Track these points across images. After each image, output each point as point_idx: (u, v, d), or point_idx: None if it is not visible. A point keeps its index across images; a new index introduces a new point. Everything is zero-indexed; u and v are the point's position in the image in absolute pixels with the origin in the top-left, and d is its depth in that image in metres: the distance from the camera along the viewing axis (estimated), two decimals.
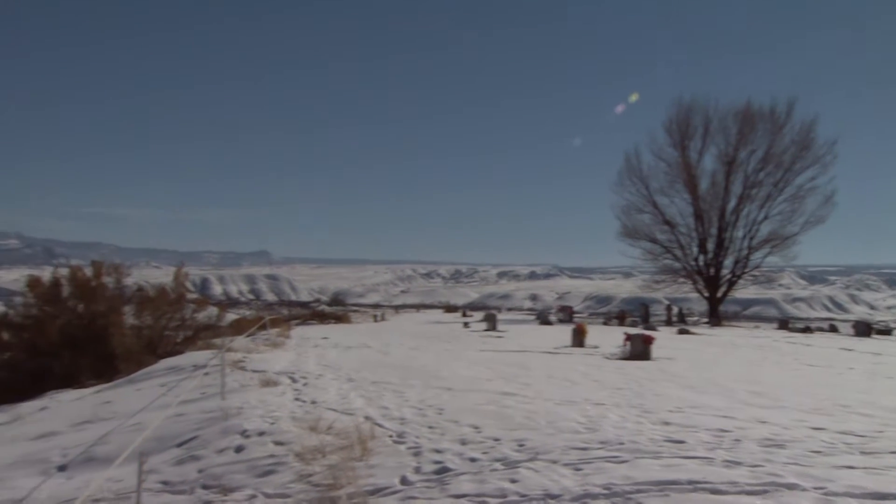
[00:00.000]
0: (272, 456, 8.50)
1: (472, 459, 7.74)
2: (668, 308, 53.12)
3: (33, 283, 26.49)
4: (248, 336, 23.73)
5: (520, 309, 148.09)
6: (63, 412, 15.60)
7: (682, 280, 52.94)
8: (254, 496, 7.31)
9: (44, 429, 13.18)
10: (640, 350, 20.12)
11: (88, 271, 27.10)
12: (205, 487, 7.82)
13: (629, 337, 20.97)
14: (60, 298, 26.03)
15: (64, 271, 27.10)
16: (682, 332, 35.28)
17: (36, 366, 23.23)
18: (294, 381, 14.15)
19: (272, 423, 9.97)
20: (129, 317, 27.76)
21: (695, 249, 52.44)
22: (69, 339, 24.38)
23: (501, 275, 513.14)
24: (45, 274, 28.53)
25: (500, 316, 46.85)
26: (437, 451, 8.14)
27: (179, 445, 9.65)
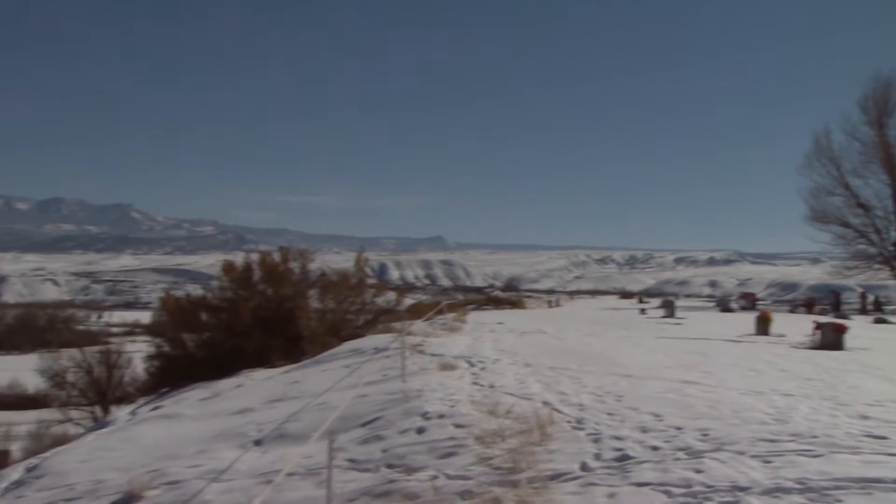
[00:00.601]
0: (452, 438, 8.66)
1: (654, 448, 7.59)
2: (863, 296, 49.96)
3: (228, 267, 28.18)
4: (425, 320, 24.25)
5: (698, 296, 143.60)
6: (256, 390, 16.54)
7: (877, 266, 49.57)
8: (435, 477, 7.47)
9: (240, 405, 14.02)
10: (831, 339, 19.05)
11: (276, 257, 28.52)
12: (389, 466, 8.08)
13: (819, 325, 19.91)
14: (252, 282, 27.56)
15: (255, 256, 28.65)
16: (878, 321, 33.17)
17: (232, 345, 24.71)
18: (471, 365, 14.34)
19: (452, 406, 10.15)
20: (313, 300, 29.02)
21: (893, 234, 48.97)
22: (260, 321, 25.77)
23: (679, 261, 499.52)
24: (238, 259, 30.29)
25: (677, 303, 45.62)
26: (618, 439, 8.04)
27: (364, 425, 10.01)
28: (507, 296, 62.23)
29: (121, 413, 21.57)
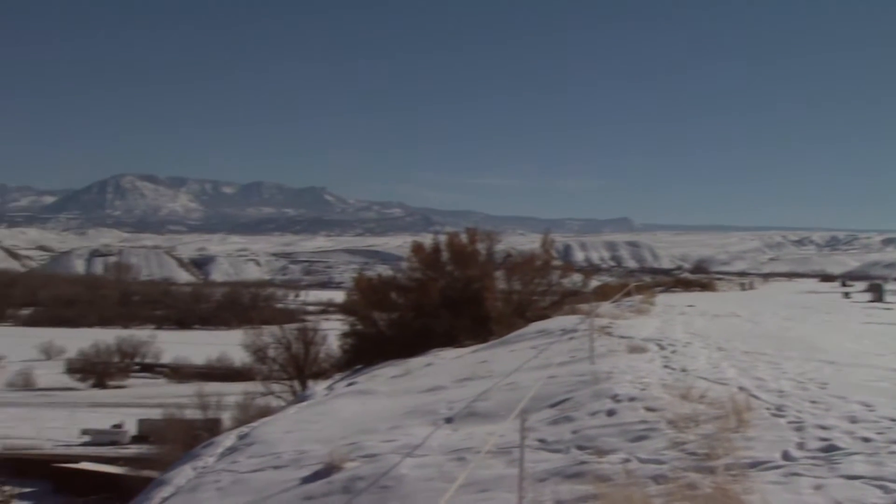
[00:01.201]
0: (644, 422, 8.50)
1: (865, 439, 7.12)
2: None
3: (417, 248, 28.93)
4: (612, 302, 23.93)
5: None
6: (446, 369, 16.90)
7: None
8: (627, 460, 7.36)
9: (431, 383, 14.37)
10: None
11: (463, 238, 28.97)
12: (579, 448, 8.03)
13: None
14: (440, 263, 28.15)
15: (442, 238, 29.23)
16: None
17: (421, 325, 25.37)
18: (661, 347, 14.02)
19: (642, 389, 9.96)
20: (499, 282, 29.28)
21: None
22: (448, 301, 26.30)
23: (887, 242, 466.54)
24: (426, 241, 31.01)
25: (886, 286, 42.63)
26: (823, 428, 7.61)
27: (553, 406, 10.01)
28: (697, 278, 60.29)
29: (318, 388, 22.66)
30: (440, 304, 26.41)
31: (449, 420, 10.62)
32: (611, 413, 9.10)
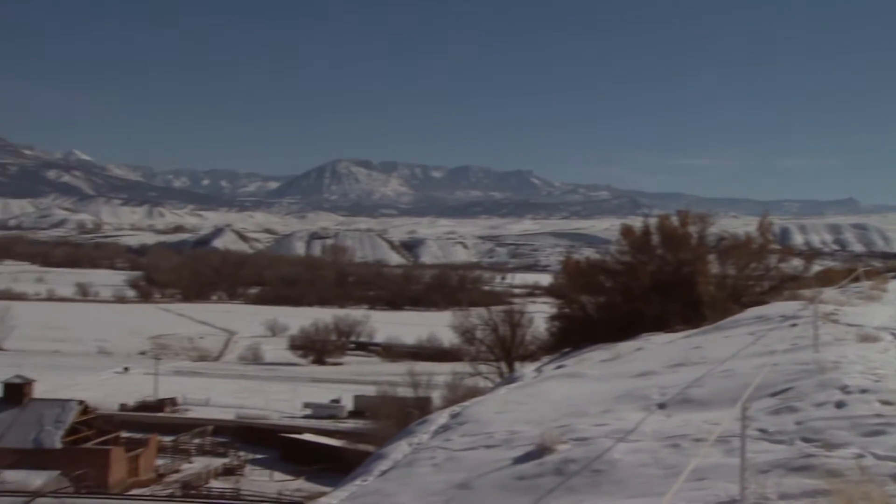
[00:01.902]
0: (879, 416, 7.92)
1: None
2: None
3: (626, 231, 28.43)
4: (838, 288, 22.43)
5: None
6: (656, 354, 16.52)
7: None
8: (861, 455, 6.90)
9: (641, 368, 14.10)
10: None
11: (675, 221, 28.15)
12: (805, 440, 7.62)
13: None
14: (650, 246, 27.52)
15: (653, 221, 28.54)
16: None
17: (629, 309, 24.94)
18: None
19: (876, 381, 9.29)
20: (712, 265, 28.25)
21: None
22: (658, 285, 25.68)
23: None
24: (635, 223, 30.40)
25: None
26: None
27: (773, 395, 9.54)
28: None
29: (527, 370, 22.85)
30: (650, 287, 25.82)
31: (662, 406, 10.38)
32: (840, 405, 8.55)
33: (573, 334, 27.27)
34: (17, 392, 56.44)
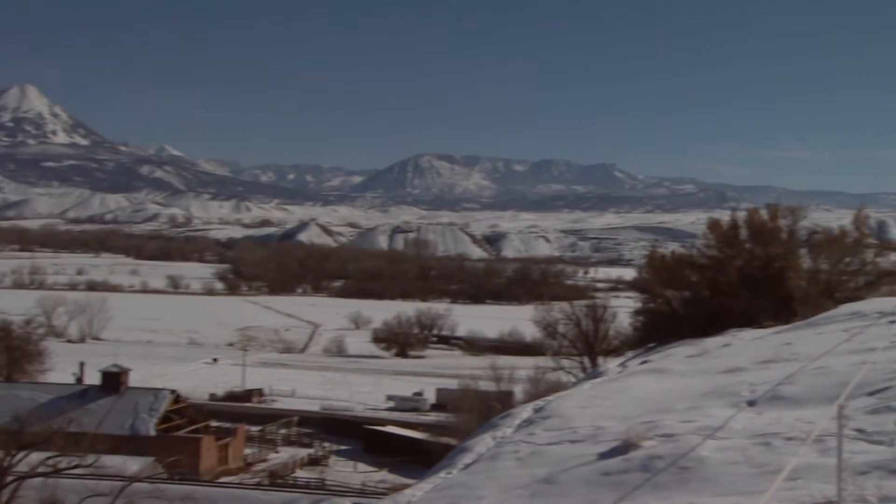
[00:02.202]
0: None
1: None
2: None
3: (713, 225, 27.80)
4: None
5: None
6: (745, 350, 16.14)
7: None
8: None
9: (729, 364, 13.79)
10: None
11: (764, 214, 27.42)
12: None
13: None
14: (738, 240, 26.85)
15: (741, 214, 27.87)
16: None
17: (716, 304, 24.39)
18: None
19: None
20: (804, 260, 27.43)
21: None
22: (747, 280, 25.04)
23: None
24: (721, 217, 29.72)
25: None
26: None
27: (872, 394, 9.22)
28: None
29: (610, 365, 22.60)
30: (738, 283, 25.17)
31: (751, 403, 10.13)
32: None
33: (658, 329, 26.80)
34: (115, 381, 58.53)
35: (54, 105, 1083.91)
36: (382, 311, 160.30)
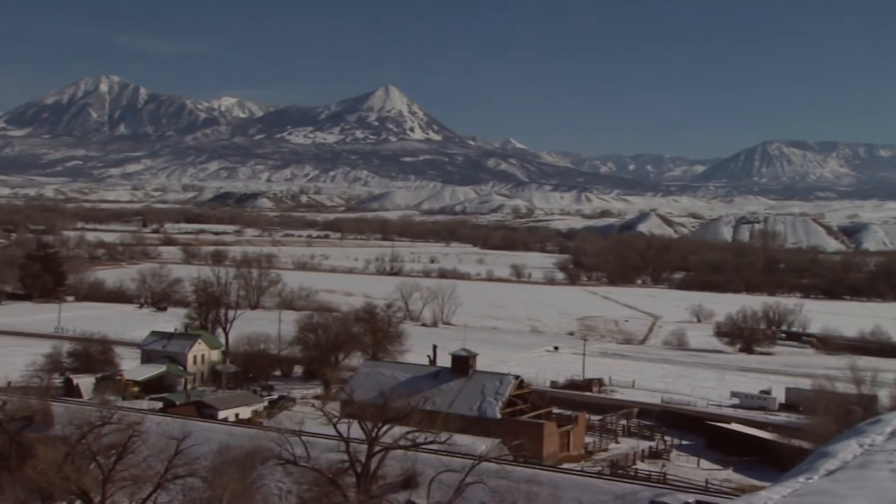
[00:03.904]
0: None
1: None
2: None
3: None
4: None
5: None
6: None
7: None
8: None
9: None
10: None
11: None
12: None
13: None
14: None
15: None
16: None
17: None
18: None
19: None
20: None
21: None
22: None
23: None
24: None
25: None
26: None
27: None
28: None
29: None
30: None
31: None
32: None
33: None
34: (464, 364, 62.19)
35: (412, 103, 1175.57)
36: (726, 305, 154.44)
